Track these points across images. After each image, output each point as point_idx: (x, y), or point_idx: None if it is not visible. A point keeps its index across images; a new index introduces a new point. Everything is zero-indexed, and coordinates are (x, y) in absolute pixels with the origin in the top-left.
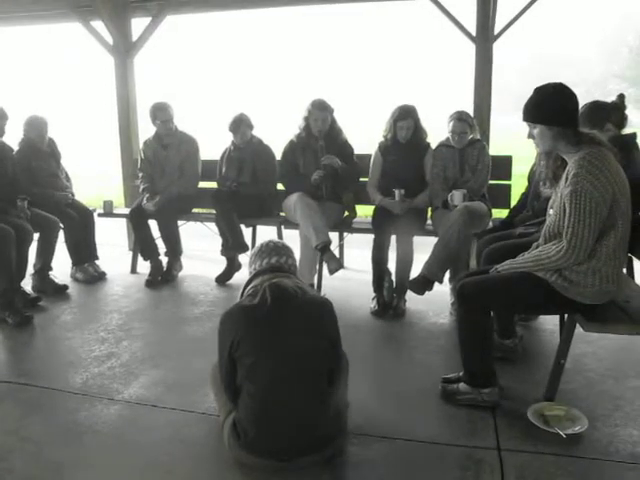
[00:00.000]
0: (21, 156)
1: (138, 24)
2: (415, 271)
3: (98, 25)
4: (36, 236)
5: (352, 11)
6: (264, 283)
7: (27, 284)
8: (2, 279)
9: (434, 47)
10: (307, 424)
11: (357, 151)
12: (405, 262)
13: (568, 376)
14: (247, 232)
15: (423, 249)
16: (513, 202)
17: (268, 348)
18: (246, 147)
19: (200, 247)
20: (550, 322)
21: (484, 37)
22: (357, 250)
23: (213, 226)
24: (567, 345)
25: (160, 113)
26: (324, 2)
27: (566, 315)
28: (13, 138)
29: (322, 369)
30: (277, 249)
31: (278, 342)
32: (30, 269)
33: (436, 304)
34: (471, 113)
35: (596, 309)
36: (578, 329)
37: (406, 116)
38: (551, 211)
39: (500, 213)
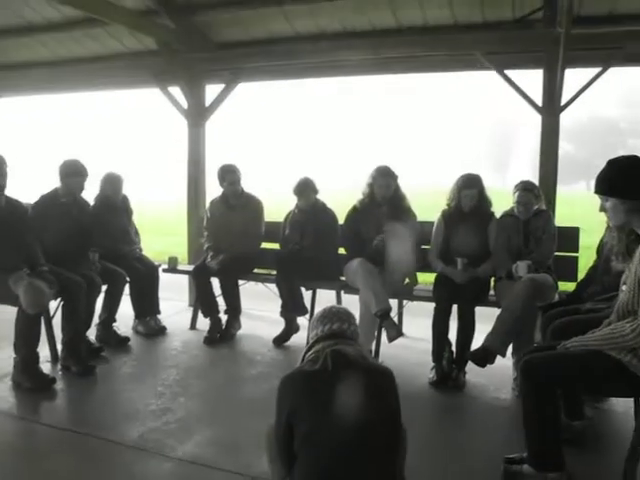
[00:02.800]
0: (96, 211)
1: (212, 90)
2: (476, 342)
3: (174, 91)
4: (104, 288)
5: (415, 81)
6: (326, 349)
7: (91, 334)
8: (70, 328)
9: (498, 116)
10: None
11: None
12: (466, 333)
13: None
14: (307, 295)
15: (485, 320)
16: (580, 275)
17: (327, 416)
18: (310, 210)
19: (259, 307)
20: (623, 403)
21: (551, 108)
22: (417, 318)
23: (273, 287)
24: None
25: (228, 175)
26: (393, 72)
27: None
28: (89, 193)
29: (381, 440)
30: (339, 315)
31: (338, 411)
32: (95, 319)
33: (498, 378)
34: (536, 182)
35: None
36: None
37: (471, 185)
38: (624, 287)
39: (566, 286)
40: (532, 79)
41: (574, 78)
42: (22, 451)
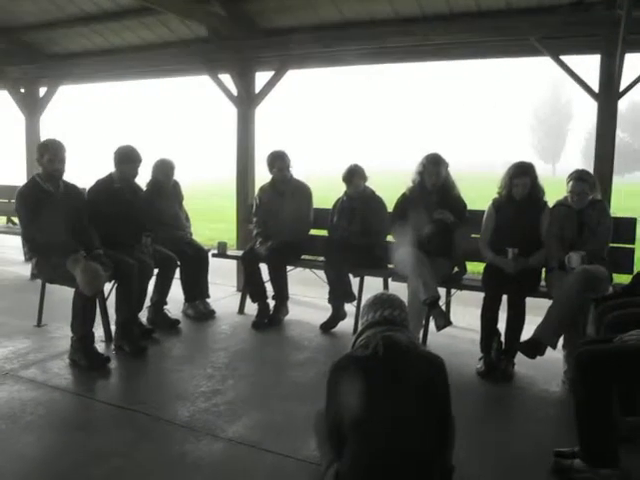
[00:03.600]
0: (148, 196)
1: (261, 77)
2: (526, 334)
3: (225, 78)
4: (155, 271)
5: (462, 67)
6: (377, 335)
7: (143, 316)
8: (124, 309)
9: (549, 104)
10: None
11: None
12: (516, 323)
13: None
14: (354, 282)
15: (535, 311)
16: (637, 267)
17: (377, 402)
18: (358, 198)
19: (307, 293)
20: None
21: (608, 94)
22: (465, 307)
23: (321, 273)
24: None
25: (278, 161)
26: (444, 59)
27: None
28: (142, 178)
29: (431, 427)
30: (391, 301)
31: (388, 396)
32: (147, 302)
33: (547, 370)
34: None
35: None
36: None
37: (523, 173)
38: None
39: (621, 278)
40: (587, 65)
41: (631, 63)
42: (79, 426)
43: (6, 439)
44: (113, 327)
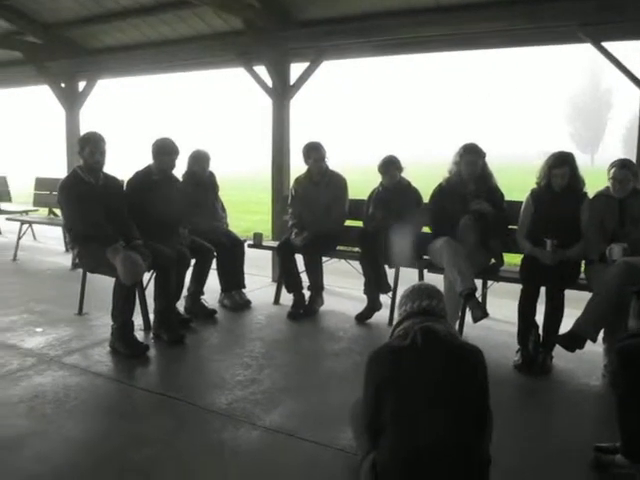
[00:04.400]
0: (184, 187)
1: (296, 68)
2: (564, 326)
3: (259, 69)
4: (192, 261)
5: (497, 56)
6: (415, 325)
7: (180, 305)
8: (162, 298)
9: (588, 93)
10: (452, 474)
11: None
12: (555, 316)
13: None
14: (390, 273)
15: (574, 304)
16: None
17: (415, 392)
18: (394, 189)
19: (342, 284)
20: None
21: None
22: (500, 299)
23: (356, 264)
24: None
25: (313, 152)
26: (480, 47)
27: None
28: (178, 169)
29: (470, 419)
30: (429, 292)
31: (427, 387)
32: (184, 292)
33: (587, 364)
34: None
35: None
36: None
37: (562, 163)
38: None
39: None
40: (630, 51)
41: None
42: (120, 411)
43: (52, 422)
44: (152, 316)
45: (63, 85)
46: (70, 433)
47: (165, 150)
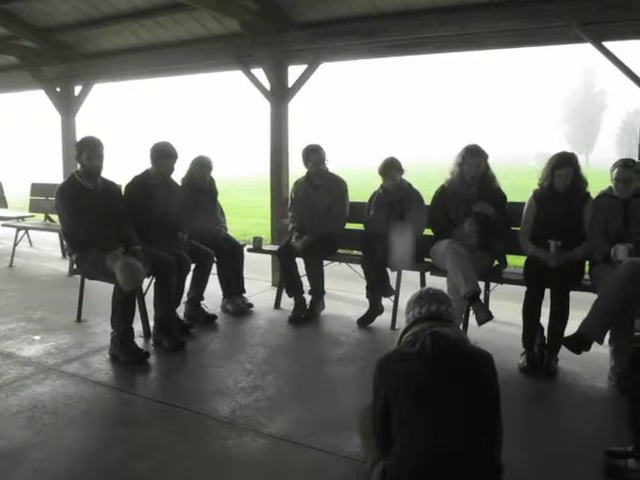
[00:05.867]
0: (184, 192)
1: (294, 71)
2: (569, 329)
3: (257, 72)
4: (192, 267)
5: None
6: (424, 331)
7: (180, 311)
8: (162, 305)
9: (582, 94)
10: None
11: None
12: (560, 318)
13: None
14: (392, 276)
15: (579, 305)
16: None
17: (426, 399)
18: (395, 191)
19: (343, 288)
20: None
21: None
22: (504, 301)
23: (358, 267)
24: None
25: (313, 155)
26: (478, 48)
27: None
28: (176, 174)
29: (481, 425)
30: (437, 297)
31: (437, 393)
32: (184, 297)
33: (593, 366)
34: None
35: None
36: None
37: (565, 164)
38: None
39: None
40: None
41: None
42: (122, 421)
43: (51, 433)
44: (151, 322)
45: (59, 89)
46: (70, 443)
47: (164, 154)
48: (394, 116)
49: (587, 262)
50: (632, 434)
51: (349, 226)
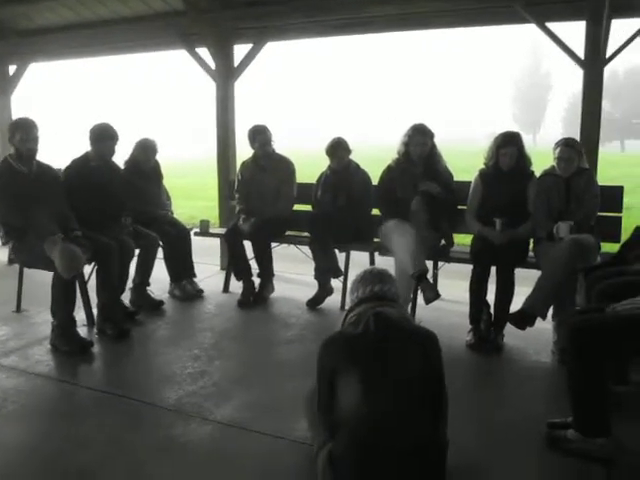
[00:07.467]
0: (126, 175)
1: (240, 50)
2: (515, 305)
3: (202, 51)
4: (137, 252)
5: (448, 37)
6: (368, 311)
7: (125, 298)
8: (105, 292)
9: (528, 74)
10: (410, 460)
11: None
12: (505, 295)
13: None
14: (340, 257)
15: (524, 282)
16: (624, 236)
17: (371, 379)
18: (343, 171)
19: (292, 270)
20: None
21: (594, 61)
22: (452, 280)
23: (306, 249)
24: None
25: (259, 136)
26: (422, 27)
27: None
28: (120, 157)
29: (426, 402)
30: (381, 276)
31: (381, 373)
32: (129, 283)
33: (537, 341)
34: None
35: None
36: None
37: (510, 143)
38: None
39: (608, 247)
40: (571, 32)
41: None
42: (63, 413)
43: None
44: (95, 310)
45: None
46: (9, 439)
47: (103, 136)
48: (343, 97)
49: (531, 239)
50: (571, 405)
51: (297, 207)
